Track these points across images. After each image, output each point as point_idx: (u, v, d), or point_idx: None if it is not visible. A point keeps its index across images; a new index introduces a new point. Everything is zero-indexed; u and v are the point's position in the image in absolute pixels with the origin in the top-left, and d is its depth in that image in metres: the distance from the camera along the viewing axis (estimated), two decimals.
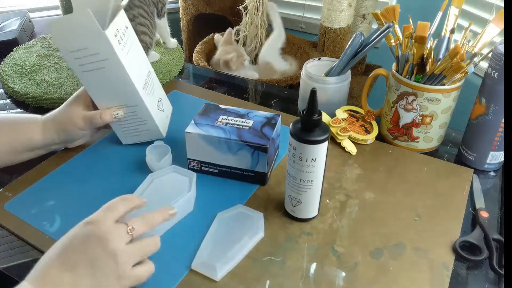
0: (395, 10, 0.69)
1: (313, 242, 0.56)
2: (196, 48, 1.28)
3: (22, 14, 1.22)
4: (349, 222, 0.59)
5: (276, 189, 0.65)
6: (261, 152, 0.62)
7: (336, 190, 0.65)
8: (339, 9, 1.22)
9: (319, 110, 0.51)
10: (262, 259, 0.54)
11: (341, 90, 0.78)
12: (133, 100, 0.66)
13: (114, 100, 0.66)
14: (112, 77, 0.63)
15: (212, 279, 0.51)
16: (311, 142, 0.51)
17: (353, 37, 0.75)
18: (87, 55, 0.60)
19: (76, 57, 0.60)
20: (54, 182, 0.65)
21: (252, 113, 0.68)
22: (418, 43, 0.64)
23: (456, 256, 0.54)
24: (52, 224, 0.58)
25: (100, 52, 0.60)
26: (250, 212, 0.59)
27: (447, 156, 0.73)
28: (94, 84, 0.64)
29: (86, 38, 0.59)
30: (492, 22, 0.65)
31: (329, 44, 1.30)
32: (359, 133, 0.75)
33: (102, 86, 0.64)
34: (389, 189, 0.65)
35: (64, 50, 0.60)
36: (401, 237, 0.57)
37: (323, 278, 0.52)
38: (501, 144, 0.66)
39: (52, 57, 0.99)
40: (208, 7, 1.47)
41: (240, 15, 1.32)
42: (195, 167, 0.67)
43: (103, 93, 0.66)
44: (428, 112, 0.68)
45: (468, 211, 0.62)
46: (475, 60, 0.65)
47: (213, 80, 0.99)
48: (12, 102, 0.88)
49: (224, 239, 0.55)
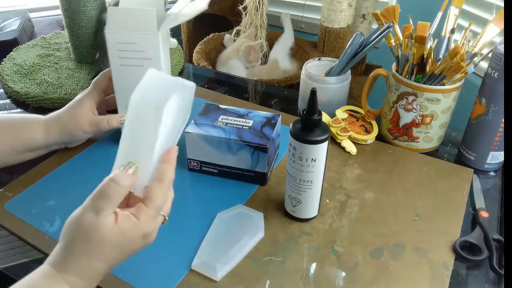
0: (395, 10, 0.69)
1: (313, 242, 0.56)
2: (196, 48, 1.28)
3: (22, 14, 1.22)
4: (349, 222, 0.59)
5: (276, 189, 0.65)
6: (261, 152, 0.62)
7: (336, 190, 0.65)
8: (339, 9, 1.22)
9: (319, 110, 0.51)
10: (262, 259, 0.54)
11: (341, 90, 0.78)
12: None
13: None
14: None
15: (212, 279, 0.51)
16: (311, 142, 0.51)
17: (353, 37, 0.75)
18: (132, 50, 0.62)
19: (120, 49, 0.62)
20: (54, 182, 0.65)
21: (252, 113, 0.68)
22: (418, 43, 0.64)
23: (456, 256, 0.54)
24: (52, 224, 0.58)
25: (146, 51, 0.62)
26: (250, 212, 0.59)
27: (447, 156, 0.73)
28: (125, 78, 0.65)
29: (140, 34, 0.61)
30: (492, 22, 0.65)
31: (329, 44, 1.29)
32: (359, 133, 0.75)
33: (132, 83, 0.65)
34: (389, 189, 0.65)
35: (111, 39, 0.62)
36: (401, 237, 0.57)
37: (323, 278, 0.52)
38: (501, 144, 0.66)
39: (52, 57, 0.99)
40: (208, 7, 1.47)
41: (240, 15, 1.32)
42: (195, 167, 0.67)
43: (128, 90, 0.66)
44: (428, 112, 0.68)
45: (468, 211, 0.62)
46: (475, 60, 0.65)
47: (213, 80, 0.99)
48: (12, 102, 0.88)
49: (224, 239, 0.55)
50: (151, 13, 0.60)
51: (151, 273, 0.51)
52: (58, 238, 0.44)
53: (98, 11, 0.92)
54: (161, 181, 0.43)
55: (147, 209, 0.42)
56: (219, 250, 0.53)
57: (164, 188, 0.43)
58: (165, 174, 0.43)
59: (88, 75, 0.92)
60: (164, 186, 0.43)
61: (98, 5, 0.92)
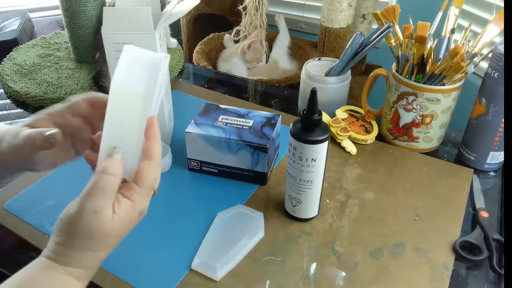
0: (395, 10, 0.69)
1: (313, 242, 0.56)
2: (196, 48, 1.28)
3: (22, 14, 1.22)
4: (349, 222, 0.59)
5: (276, 189, 0.65)
6: (261, 152, 0.62)
7: (336, 190, 0.65)
8: (339, 9, 1.22)
9: (319, 110, 0.51)
10: (262, 259, 0.54)
11: (341, 90, 0.78)
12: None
13: None
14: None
15: (212, 279, 0.51)
16: (311, 142, 0.51)
17: (353, 37, 0.75)
18: None
19: (117, 49, 0.62)
20: (54, 182, 0.65)
21: (252, 113, 0.68)
22: (418, 43, 0.64)
23: (456, 256, 0.54)
24: (52, 224, 0.58)
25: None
26: (250, 212, 0.59)
27: (447, 156, 0.73)
28: None
29: (136, 34, 0.60)
30: (492, 22, 0.65)
31: (329, 44, 1.30)
32: (359, 133, 0.75)
33: None
34: (389, 189, 0.65)
35: (108, 40, 0.61)
36: (401, 237, 0.57)
37: (323, 278, 0.52)
38: (501, 144, 0.66)
39: (52, 57, 0.99)
40: (208, 7, 1.47)
41: (240, 15, 1.32)
42: (195, 167, 0.67)
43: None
44: (428, 112, 0.68)
45: (468, 211, 0.62)
46: (475, 60, 0.65)
47: (213, 80, 0.99)
48: (12, 102, 0.88)
49: (224, 239, 0.55)
50: (146, 12, 0.60)
51: (151, 273, 0.51)
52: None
53: (98, 11, 0.92)
54: (149, 158, 0.42)
55: (139, 188, 0.41)
56: (219, 250, 0.53)
57: (153, 165, 0.42)
58: (152, 150, 0.42)
59: (88, 75, 0.92)
60: (153, 163, 0.42)
61: (98, 5, 0.92)
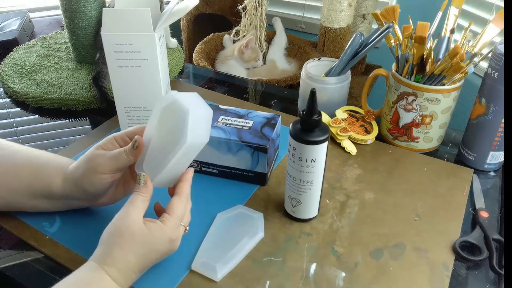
0: (395, 10, 0.69)
1: (313, 243, 0.56)
2: (196, 48, 1.28)
3: (22, 14, 1.22)
4: (349, 222, 0.59)
5: (276, 189, 0.65)
6: (261, 153, 0.62)
7: (336, 190, 0.65)
8: (339, 9, 1.22)
9: (319, 111, 0.51)
10: (262, 260, 0.54)
11: (341, 90, 0.78)
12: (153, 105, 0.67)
13: (135, 101, 0.68)
14: (143, 77, 0.64)
15: (212, 279, 0.51)
16: (311, 142, 0.51)
17: (353, 37, 0.75)
18: (128, 51, 0.62)
19: (117, 50, 0.62)
20: None
21: (252, 114, 0.68)
22: (418, 43, 0.64)
23: (456, 256, 0.54)
24: (52, 224, 0.58)
25: (143, 51, 0.62)
26: (250, 213, 0.59)
27: (447, 156, 0.73)
28: (123, 80, 0.65)
29: (135, 35, 0.60)
30: (492, 22, 0.65)
31: (329, 44, 1.30)
32: (359, 133, 0.75)
33: (130, 84, 0.65)
34: (389, 189, 0.65)
35: (107, 41, 0.61)
36: (401, 237, 0.57)
37: (323, 278, 0.52)
38: (501, 144, 0.66)
39: (52, 57, 0.99)
40: (208, 7, 1.47)
41: (240, 15, 1.33)
42: (195, 167, 0.67)
43: (127, 91, 0.66)
44: (428, 112, 0.68)
45: (468, 211, 0.62)
46: (475, 60, 0.65)
47: (213, 80, 0.99)
48: (12, 102, 0.88)
49: (224, 240, 0.55)
50: (146, 13, 0.60)
51: (151, 273, 0.51)
52: (58, 238, 0.45)
53: (98, 11, 0.92)
54: (179, 195, 0.50)
55: (169, 216, 0.49)
56: (219, 251, 0.53)
57: (182, 201, 0.50)
58: (182, 189, 0.51)
59: (88, 75, 0.92)
60: (182, 199, 0.50)
61: (98, 5, 0.92)
